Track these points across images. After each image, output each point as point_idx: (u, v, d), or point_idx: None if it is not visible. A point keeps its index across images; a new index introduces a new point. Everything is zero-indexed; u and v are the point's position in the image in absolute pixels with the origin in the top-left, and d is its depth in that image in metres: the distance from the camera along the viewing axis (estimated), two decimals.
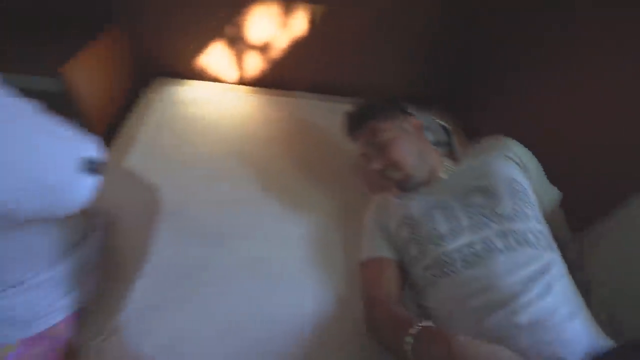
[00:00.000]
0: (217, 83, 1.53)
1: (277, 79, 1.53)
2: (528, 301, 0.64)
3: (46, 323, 0.68)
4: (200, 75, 1.53)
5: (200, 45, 1.44)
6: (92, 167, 0.54)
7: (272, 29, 1.38)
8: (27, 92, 0.49)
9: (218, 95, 1.46)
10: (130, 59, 1.44)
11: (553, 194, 0.90)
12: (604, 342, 0.64)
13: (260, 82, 1.55)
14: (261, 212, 1.03)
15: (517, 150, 0.88)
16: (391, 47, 1.45)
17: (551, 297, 0.65)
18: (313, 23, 1.37)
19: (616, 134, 0.87)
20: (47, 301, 0.67)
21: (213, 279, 0.85)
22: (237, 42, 1.43)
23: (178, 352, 0.73)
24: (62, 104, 1.10)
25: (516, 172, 0.84)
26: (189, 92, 1.45)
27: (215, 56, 1.47)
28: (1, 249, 0.57)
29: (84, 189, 0.54)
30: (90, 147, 0.56)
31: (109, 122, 1.33)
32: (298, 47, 1.43)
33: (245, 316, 0.80)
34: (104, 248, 0.82)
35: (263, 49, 1.45)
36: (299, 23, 1.37)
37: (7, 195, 0.46)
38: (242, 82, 1.56)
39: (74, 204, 0.54)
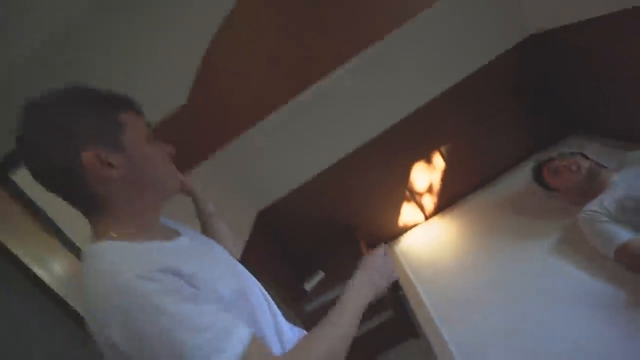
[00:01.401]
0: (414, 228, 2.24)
1: (447, 199, 2.23)
2: None
3: None
4: (403, 229, 2.25)
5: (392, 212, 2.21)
6: None
7: (426, 174, 2.17)
8: None
9: (426, 231, 2.15)
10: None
11: None
12: None
13: (439, 208, 2.23)
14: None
15: None
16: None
17: None
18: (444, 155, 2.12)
19: None
20: None
21: None
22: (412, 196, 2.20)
23: None
24: None
25: None
26: (408, 240, 2.17)
27: (403, 212, 2.22)
28: None
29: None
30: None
31: None
32: (444, 174, 2.17)
33: None
34: None
35: (430, 189, 2.19)
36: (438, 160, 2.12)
37: None
38: (429, 216, 2.25)
39: None
